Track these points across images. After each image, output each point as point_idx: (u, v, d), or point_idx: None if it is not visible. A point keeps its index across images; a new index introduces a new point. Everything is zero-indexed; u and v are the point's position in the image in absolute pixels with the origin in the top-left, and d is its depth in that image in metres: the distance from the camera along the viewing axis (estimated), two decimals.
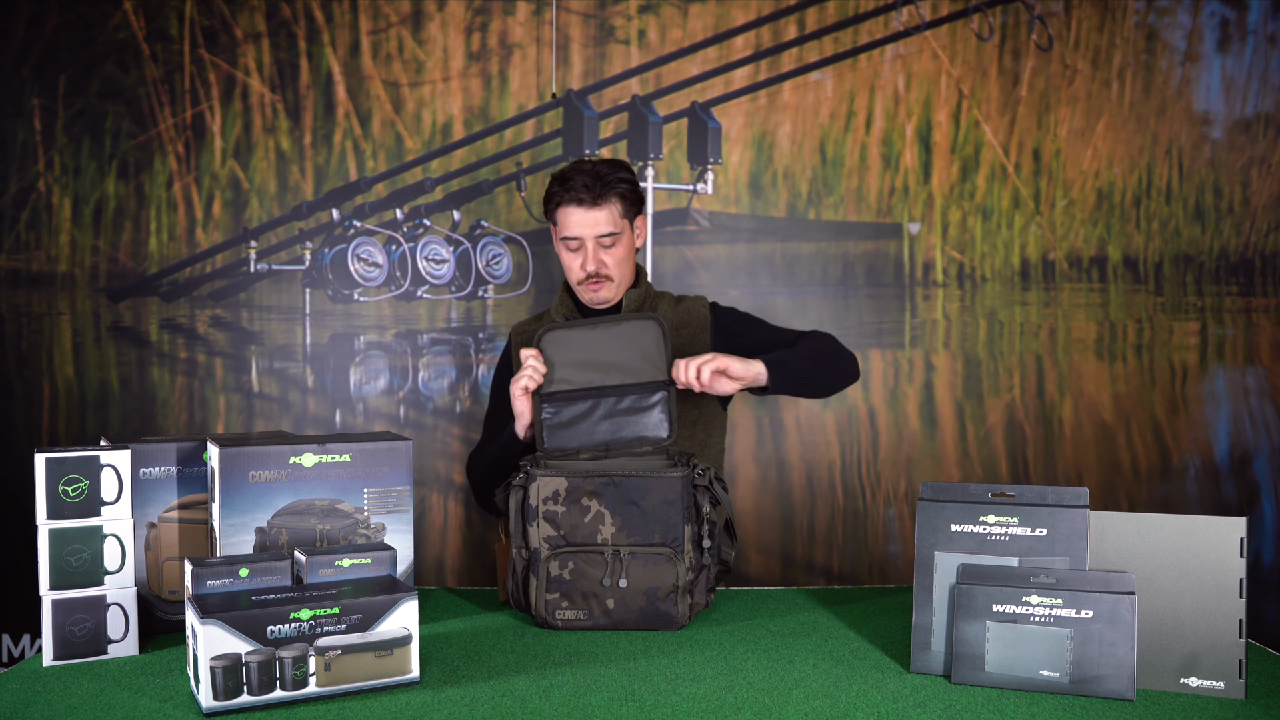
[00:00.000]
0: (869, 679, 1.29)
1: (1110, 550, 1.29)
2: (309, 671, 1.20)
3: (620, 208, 1.84)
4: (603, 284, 1.85)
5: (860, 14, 2.57)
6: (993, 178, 2.60)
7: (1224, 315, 2.63)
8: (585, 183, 1.80)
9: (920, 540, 1.34)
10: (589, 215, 1.82)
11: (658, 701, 1.21)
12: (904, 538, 2.59)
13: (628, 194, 1.85)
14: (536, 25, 2.56)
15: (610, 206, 1.83)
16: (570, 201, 1.82)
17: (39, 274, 2.54)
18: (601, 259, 1.83)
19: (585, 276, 1.84)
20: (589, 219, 1.82)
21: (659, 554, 1.48)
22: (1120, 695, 1.21)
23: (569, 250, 1.85)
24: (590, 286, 1.85)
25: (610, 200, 1.82)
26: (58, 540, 1.35)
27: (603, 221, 1.82)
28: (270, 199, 2.55)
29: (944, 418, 2.61)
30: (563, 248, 1.86)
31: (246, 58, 2.54)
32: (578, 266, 1.84)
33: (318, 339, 2.57)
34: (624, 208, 1.85)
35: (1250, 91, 2.60)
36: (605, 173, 1.82)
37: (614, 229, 1.83)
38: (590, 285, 1.85)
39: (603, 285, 1.85)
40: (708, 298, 1.96)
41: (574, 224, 1.82)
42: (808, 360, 1.76)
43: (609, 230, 1.82)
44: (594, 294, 1.86)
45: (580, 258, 1.84)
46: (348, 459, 1.52)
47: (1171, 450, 2.62)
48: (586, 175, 1.81)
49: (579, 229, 1.82)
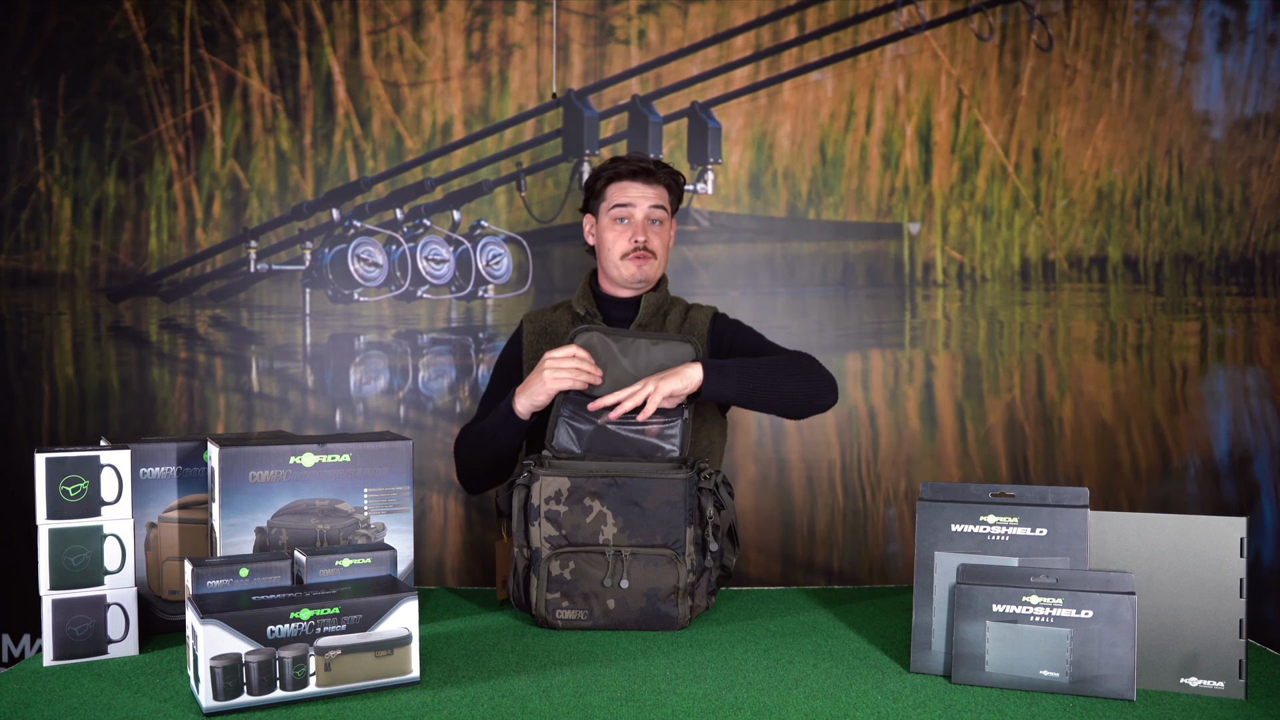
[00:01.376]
0: (869, 679, 1.29)
1: (1110, 550, 1.29)
2: (309, 671, 1.20)
3: (670, 196, 1.89)
4: (647, 258, 1.86)
5: (860, 14, 2.57)
6: (993, 178, 2.60)
7: (1224, 315, 2.63)
8: (643, 164, 1.85)
9: (920, 540, 1.34)
10: (644, 189, 1.85)
11: (658, 701, 1.21)
12: (904, 538, 2.59)
13: (675, 189, 1.90)
14: (536, 25, 2.56)
15: (663, 190, 1.87)
16: (626, 175, 1.86)
17: (39, 274, 2.54)
18: (649, 233, 1.85)
19: (633, 248, 1.84)
20: (647, 192, 1.86)
21: (660, 555, 1.48)
22: (1120, 695, 1.21)
23: (616, 224, 1.86)
24: (635, 259, 1.85)
25: (664, 184, 1.87)
26: (58, 540, 1.35)
27: (655, 196, 1.86)
28: (270, 199, 2.55)
29: (944, 418, 2.61)
30: (608, 223, 1.87)
31: (246, 58, 2.54)
32: (625, 239, 1.85)
33: (318, 339, 2.57)
34: (671, 198, 1.89)
35: (1250, 91, 2.60)
36: (659, 164, 1.88)
37: (664, 206, 1.87)
38: (635, 258, 1.85)
39: (647, 260, 1.86)
40: (717, 308, 1.96)
41: (628, 194, 1.85)
42: (760, 370, 1.68)
43: (660, 204, 1.86)
44: (638, 268, 1.85)
45: (629, 230, 1.85)
46: (348, 459, 1.52)
47: (1171, 450, 2.62)
48: (645, 160, 1.86)
49: (636, 197, 1.85)
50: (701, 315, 1.93)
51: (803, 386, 1.71)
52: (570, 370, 1.62)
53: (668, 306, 1.92)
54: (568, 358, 1.62)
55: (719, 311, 1.95)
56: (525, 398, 1.67)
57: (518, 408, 1.69)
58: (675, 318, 1.91)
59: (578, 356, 1.62)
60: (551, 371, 1.62)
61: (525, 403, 1.68)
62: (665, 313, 1.91)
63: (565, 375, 1.62)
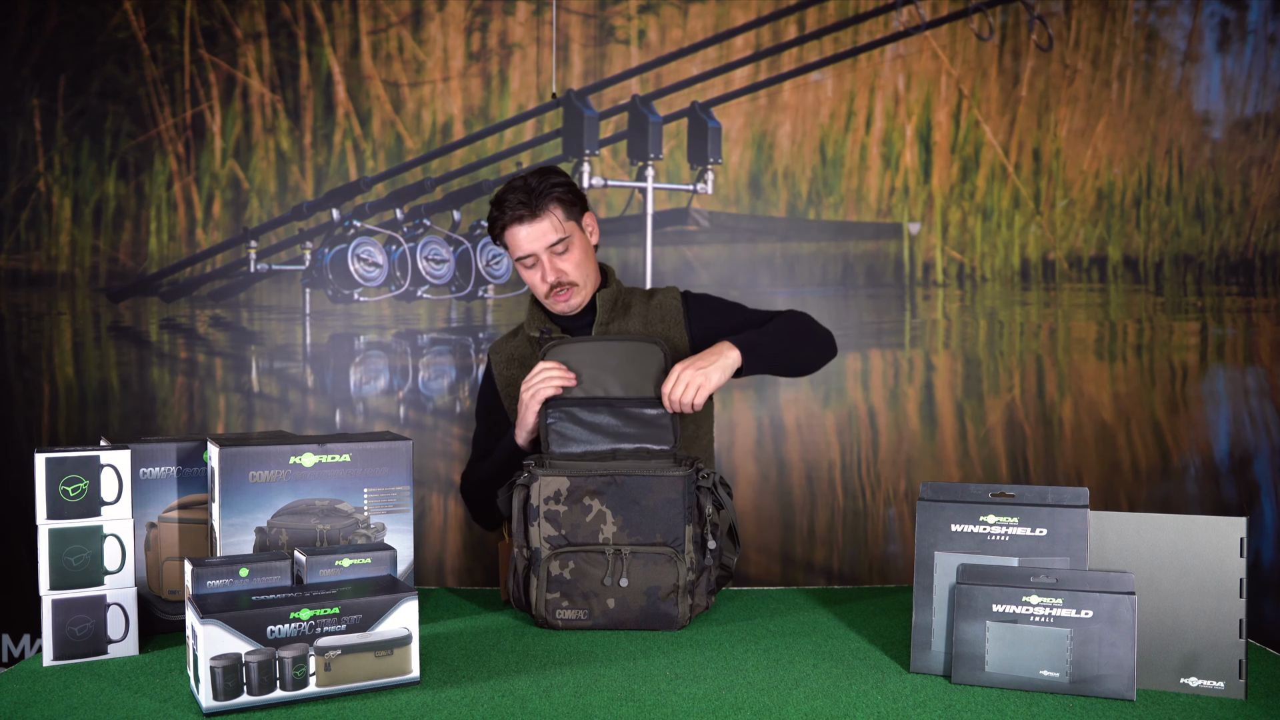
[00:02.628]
0: (869, 679, 1.29)
1: (1110, 550, 1.29)
2: (309, 671, 1.20)
3: (561, 211, 1.82)
4: (569, 291, 1.84)
5: (860, 14, 2.57)
6: (993, 178, 2.60)
7: (1224, 315, 2.63)
8: (520, 199, 1.80)
9: (920, 540, 1.34)
10: (533, 229, 1.81)
11: (658, 701, 1.21)
12: (904, 538, 2.59)
13: (563, 197, 1.83)
14: (536, 25, 2.56)
15: (550, 215, 1.81)
16: (511, 222, 1.81)
17: (39, 274, 2.54)
18: (560, 267, 1.82)
19: (549, 289, 1.84)
20: (534, 232, 1.81)
21: (660, 554, 1.48)
22: (1120, 695, 1.21)
23: (526, 269, 1.85)
24: (557, 297, 1.85)
25: (548, 208, 1.81)
26: (58, 540, 1.35)
27: (548, 231, 1.81)
28: (270, 199, 2.55)
29: (944, 418, 2.61)
30: (521, 268, 1.86)
31: (246, 58, 2.54)
32: (539, 281, 1.84)
33: (318, 339, 2.57)
34: (565, 211, 1.83)
35: (1250, 91, 2.60)
36: (535, 184, 1.81)
37: (561, 234, 1.82)
38: (557, 296, 1.85)
39: (570, 292, 1.84)
40: (679, 287, 1.94)
41: (522, 242, 1.82)
42: (780, 340, 1.75)
43: (557, 237, 1.81)
44: (565, 303, 1.85)
45: (539, 272, 1.83)
46: (348, 459, 1.52)
47: (1171, 450, 2.62)
48: (519, 192, 1.80)
49: (528, 245, 1.81)
50: (669, 298, 1.92)
51: (812, 347, 1.81)
52: (543, 380, 1.64)
53: (626, 298, 1.92)
54: (539, 373, 1.65)
55: (685, 291, 1.94)
56: (520, 426, 1.71)
57: (519, 439, 1.73)
58: (639, 307, 1.90)
59: (546, 368, 1.64)
60: (529, 391, 1.65)
61: (521, 431, 1.72)
62: (626, 305, 1.90)
63: (542, 386, 1.64)
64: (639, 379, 1.64)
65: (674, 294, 1.92)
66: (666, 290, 1.93)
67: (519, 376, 1.89)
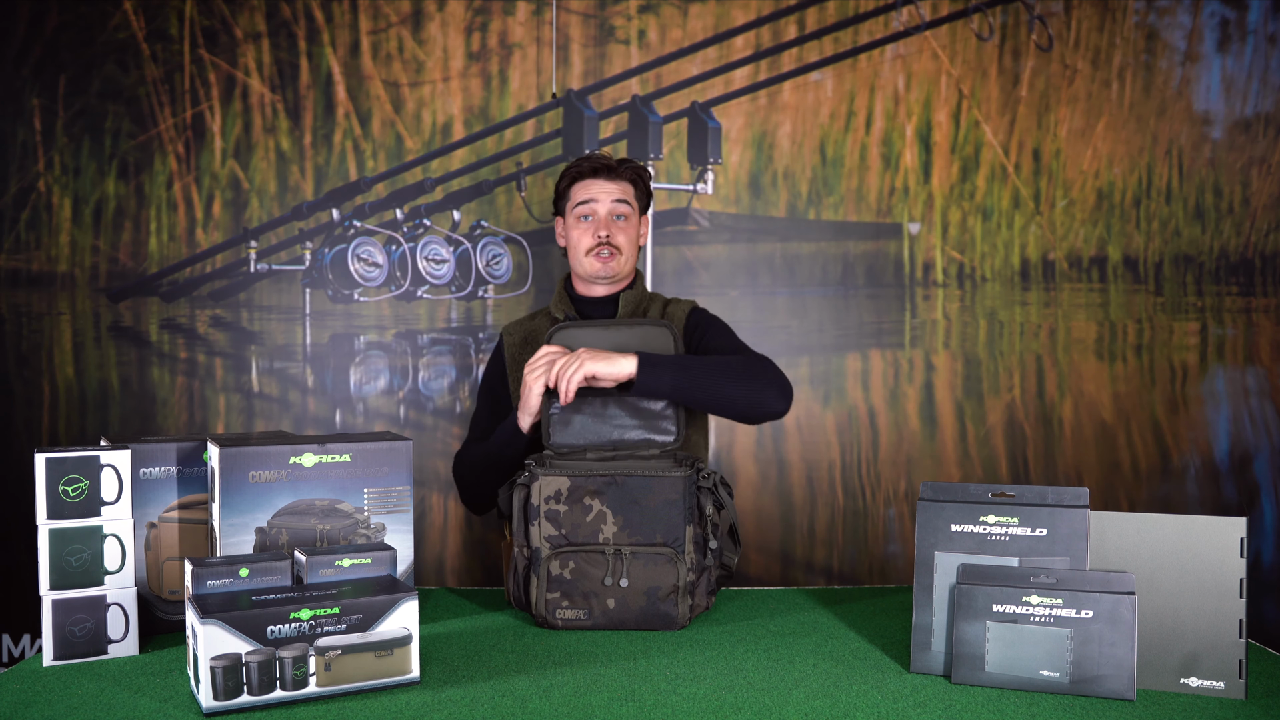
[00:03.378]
0: (869, 679, 1.29)
1: (1110, 550, 1.29)
2: (309, 671, 1.20)
3: (634, 190, 1.89)
4: (613, 255, 1.85)
5: (860, 14, 2.57)
6: (993, 178, 2.60)
7: (1224, 315, 2.63)
8: (602, 157, 1.87)
9: (920, 540, 1.34)
10: (609, 184, 1.86)
11: (658, 701, 1.21)
12: (904, 538, 2.59)
13: (640, 181, 1.90)
14: (536, 25, 2.56)
15: (625, 182, 1.87)
16: (587, 173, 1.86)
17: (39, 274, 2.54)
18: (613, 229, 1.86)
19: (596, 243, 1.84)
20: (609, 187, 1.86)
21: (660, 554, 1.48)
22: (1120, 695, 1.21)
23: (580, 222, 1.87)
24: (599, 256, 1.85)
25: (627, 177, 1.87)
26: (58, 540, 1.35)
27: (617, 190, 1.86)
28: (270, 199, 2.55)
29: (944, 418, 2.61)
30: (574, 222, 1.88)
31: (246, 58, 2.54)
32: (589, 235, 1.85)
33: (318, 339, 2.57)
34: (636, 192, 1.89)
35: (1250, 91, 2.60)
36: (621, 159, 1.89)
37: (628, 201, 1.87)
38: (599, 255, 1.84)
39: (613, 256, 1.85)
40: (696, 302, 1.94)
41: (591, 190, 1.86)
42: (700, 369, 1.61)
43: (623, 199, 1.86)
44: (604, 264, 1.85)
45: (592, 226, 1.86)
46: (348, 459, 1.52)
47: (1171, 450, 2.62)
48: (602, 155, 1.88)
49: (595, 192, 1.85)
50: (679, 309, 1.92)
51: (745, 390, 1.62)
52: (546, 365, 1.62)
53: (646, 303, 1.92)
54: (543, 357, 1.63)
55: (698, 306, 1.94)
56: (522, 410, 1.69)
57: (521, 423, 1.71)
58: (654, 314, 1.91)
59: (551, 353, 1.63)
60: (531, 374, 1.63)
61: (525, 415, 1.69)
62: (645, 309, 1.91)
63: (543, 372, 1.62)
64: None
65: (685, 307, 1.92)
66: (684, 303, 1.93)
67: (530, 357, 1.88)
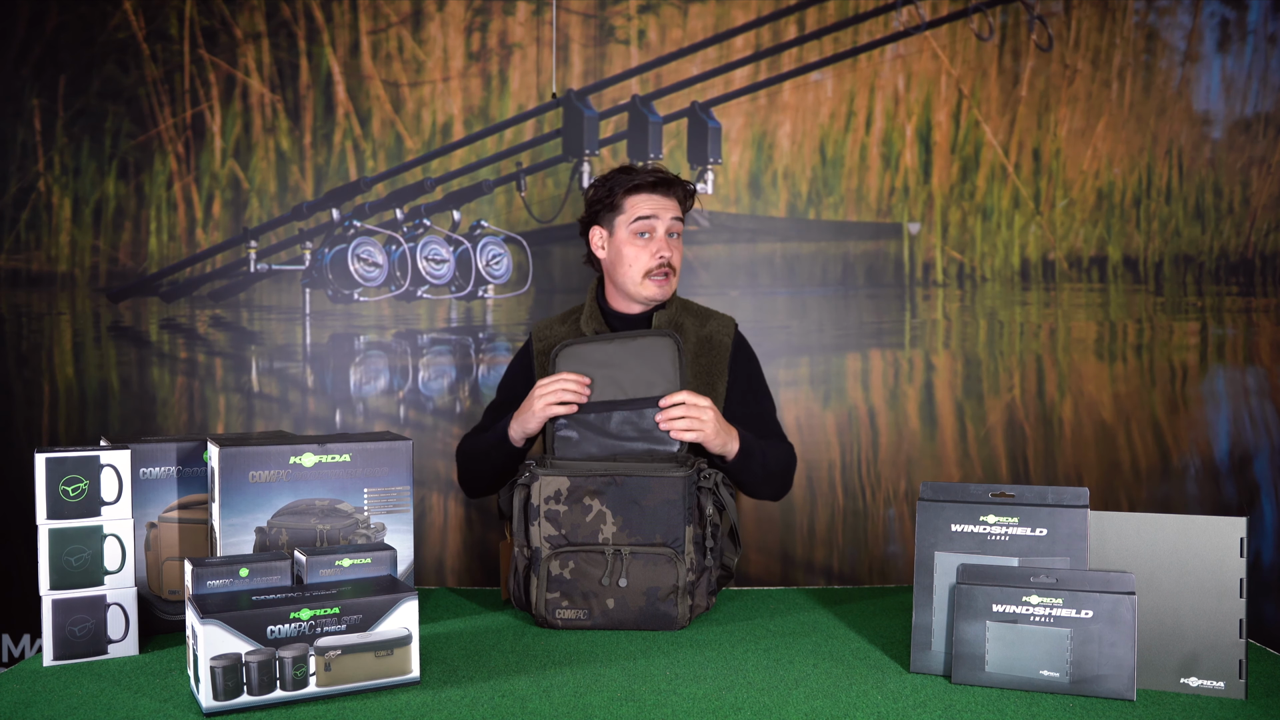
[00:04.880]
0: (869, 679, 1.29)
1: (1110, 550, 1.29)
2: (309, 671, 1.20)
3: (681, 209, 1.85)
4: (670, 277, 1.82)
5: (860, 14, 2.57)
6: (993, 178, 2.60)
7: (1224, 315, 2.63)
8: (660, 171, 1.82)
9: (920, 540, 1.34)
10: (667, 200, 1.81)
11: (658, 701, 1.21)
12: (904, 538, 2.59)
13: (687, 200, 1.86)
14: (536, 25, 2.56)
15: (679, 201, 1.83)
16: (647, 187, 1.80)
17: (39, 274, 2.54)
18: (671, 248, 1.81)
19: (657, 265, 1.79)
20: (667, 204, 1.81)
21: (659, 554, 1.48)
22: (1120, 695, 1.21)
23: (637, 239, 1.80)
24: (656, 278, 1.80)
25: (677, 193, 1.83)
26: (58, 540, 1.35)
27: (674, 208, 1.82)
28: (270, 199, 2.55)
29: (944, 418, 2.61)
30: (627, 237, 1.80)
31: (246, 58, 2.54)
32: (650, 254, 1.79)
33: (318, 339, 2.57)
34: (682, 210, 1.85)
35: (1250, 91, 2.60)
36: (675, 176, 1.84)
37: (681, 217, 1.84)
38: (656, 277, 1.80)
39: (670, 279, 1.82)
40: (736, 322, 1.91)
41: (653, 204, 1.80)
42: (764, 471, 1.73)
43: (679, 216, 1.83)
44: (660, 288, 1.81)
45: (652, 245, 1.80)
46: (348, 459, 1.52)
47: (1171, 450, 2.62)
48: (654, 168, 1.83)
49: (657, 209, 1.80)
50: (722, 334, 1.87)
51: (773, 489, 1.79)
52: (557, 392, 1.62)
53: (680, 318, 1.88)
54: (553, 383, 1.62)
55: (739, 333, 1.90)
56: (518, 425, 1.68)
57: (512, 434, 1.69)
58: (691, 333, 1.85)
59: (564, 379, 1.62)
60: (541, 400, 1.62)
61: (518, 429, 1.68)
62: (679, 326, 1.86)
63: (553, 400, 1.62)
64: (653, 374, 1.63)
65: (729, 329, 1.88)
66: (723, 322, 1.89)
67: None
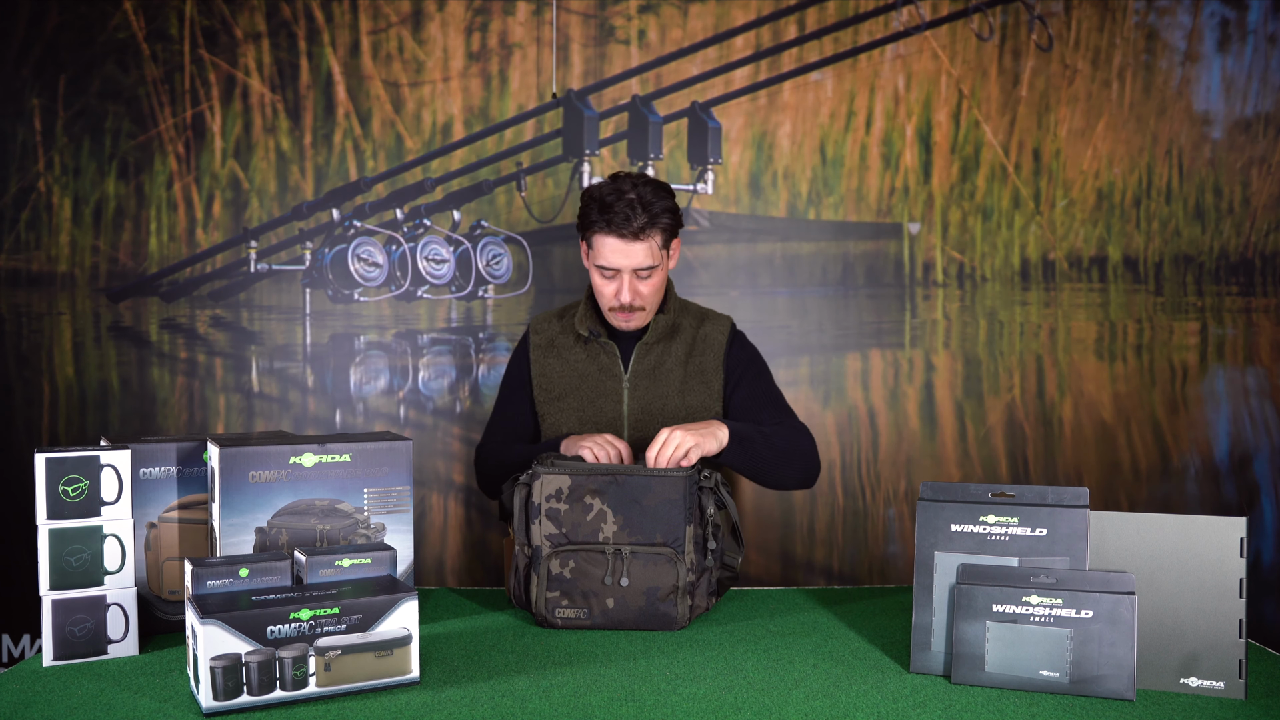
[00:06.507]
0: (869, 679, 1.29)
1: (1110, 550, 1.29)
2: (309, 671, 1.20)
3: (660, 239, 1.77)
4: (634, 315, 1.81)
5: (860, 14, 2.57)
6: (993, 178, 2.60)
7: (1224, 315, 2.63)
8: (628, 215, 1.71)
9: (920, 540, 1.34)
10: (629, 248, 1.74)
11: (658, 701, 1.21)
12: (904, 538, 2.59)
13: (669, 225, 1.77)
14: (536, 25, 2.56)
15: (652, 240, 1.75)
16: (612, 233, 1.73)
17: (39, 274, 2.54)
18: (638, 290, 1.78)
19: (618, 306, 1.80)
20: (629, 251, 1.74)
21: (659, 554, 1.48)
22: (1120, 695, 1.21)
23: (602, 277, 1.79)
24: (620, 316, 1.82)
25: (652, 234, 1.75)
26: (58, 540, 1.35)
27: (642, 254, 1.75)
28: (270, 199, 2.55)
29: (944, 418, 2.61)
30: (595, 272, 1.80)
31: (246, 58, 2.54)
32: (610, 294, 1.79)
33: (318, 339, 2.57)
34: (663, 239, 1.78)
35: (1250, 91, 2.60)
36: (651, 202, 1.73)
37: (653, 262, 1.76)
38: (620, 315, 1.82)
39: (634, 315, 1.82)
40: (734, 321, 1.92)
41: (611, 254, 1.75)
42: (770, 449, 1.69)
43: (648, 264, 1.76)
44: (625, 322, 1.83)
45: (615, 286, 1.78)
46: (348, 459, 1.52)
47: (1171, 450, 2.62)
48: (629, 206, 1.72)
49: (616, 260, 1.75)
50: (717, 333, 1.88)
51: (794, 473, 1.75)
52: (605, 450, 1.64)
53: (678, 319, 1.89)
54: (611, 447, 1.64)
55: (736, 329, 1.91)
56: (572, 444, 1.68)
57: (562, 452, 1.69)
58: (686, 334, 1.87)
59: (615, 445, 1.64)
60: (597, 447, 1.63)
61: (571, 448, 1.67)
62: (676, 327, 1.88)
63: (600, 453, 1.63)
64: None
65: (724, 329, 1.89)
66: (718, 321, 1.90)
67: (554, 366, 1.88)
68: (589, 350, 1.87)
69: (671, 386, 1.84)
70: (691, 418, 1.82)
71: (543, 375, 1.89)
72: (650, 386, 1.84)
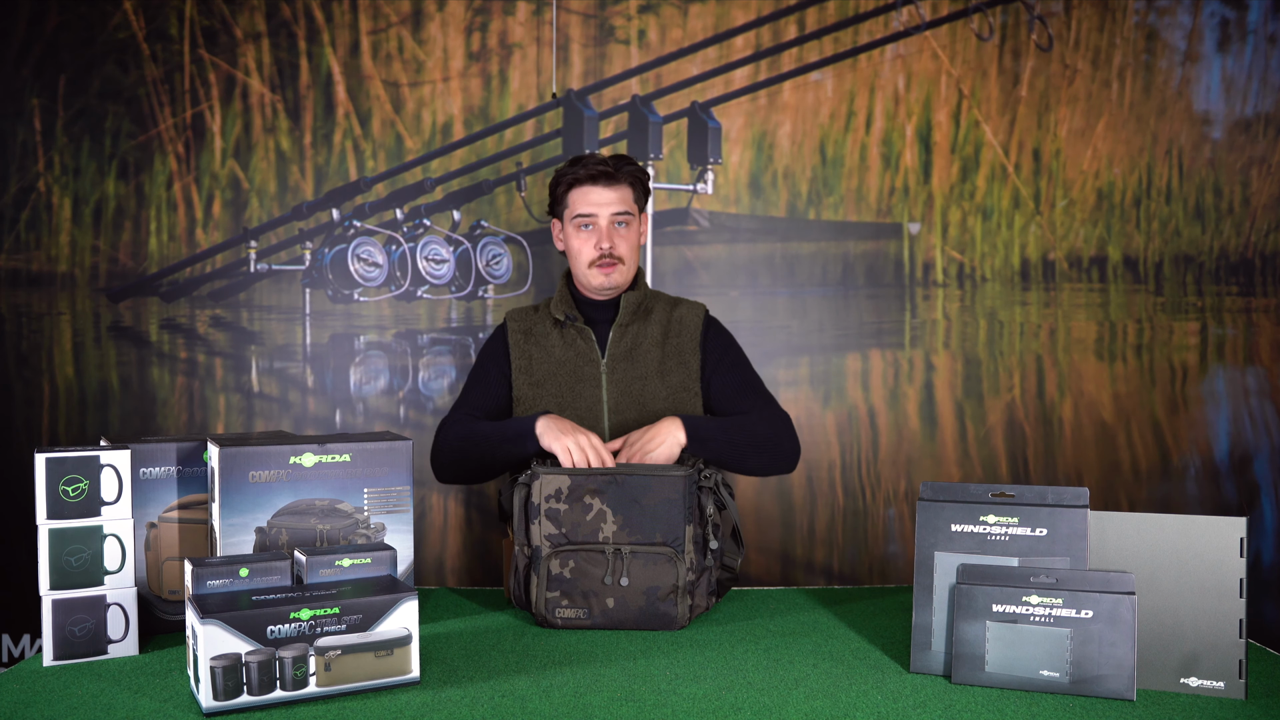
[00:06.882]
0: (869, 679, 1.29)
1: (1110, 550, 1.29)
2: (309, 671, 1.20)
3: (633, 193, 1.86)
4: (615, 266, 1.83)
5: (860, 14, 2.57)
6: (993, 178, 2.60)
7: (1224, 315, 2.63)
8: (600, 160, 1.82)
9: (920, 540, 1.34)
10: (605, 193, 1.82)
11: (658, 701, 1.21)
12: (904, 538, 2.59)
13: (638, 182, 1.87)
14: (536, 25, 2.56)
15: (625, 188, 1.84)
16: (585, 180, 1.82)
17: (39, 274, 2.54)
18: (615, 240, 1.82)
19: (599, 256, 1.82)
20: (605, 196, 1.82)
21: (659, 553, 1.48)
22: (1120, 695, 1.21)
23: (580, 231, 1.84)
24: (602, 268, 1.83)
25: (625, 181, 1.84)
26: (58, 540, 1.35)
27: (618, 200, 1.82)
28: (270, 199, 2.55)
29: (944, 418, 2.61)
30: (572, 231, 1.85)
31: (246, 58, 2.54)
32: (590, 247, 1.82)
33: (318, 339, 2.57)
34: (635, 194, 1.86)
35: (1250, 91, 2.60)
36: (616, 160, 1.85)
37: (628, 209, 1.84)
38: (602, 267, 1.82)
39: (615, 268, 1.83)
40: (707, 307, 1.94)
41: (590, 200, 1.82)
42: (733, 439, 1.73)
43: (624, 209, 1.83)
44: (606, 277, 1.83)
45: (594, 237, 1.82)
46: (348, 459, 1.52)
47: (1171, 450, 2.62)
48: (600, 160, 1.83)
49: (595, 205, 1.82)
50: (692, 315, 1.91)
51: (767, 460, 1.77)
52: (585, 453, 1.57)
53: (649, 303, 1.91)
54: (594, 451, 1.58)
55: (709, 314, 1.93)
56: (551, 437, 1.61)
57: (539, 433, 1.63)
58: (660, 315, 1.90)
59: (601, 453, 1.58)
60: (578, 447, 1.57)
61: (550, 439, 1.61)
62: (648, 310, 1.90)
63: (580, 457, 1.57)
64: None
65: (699, 312, 1.92)
66: (692, 305, 1.93)
67: (533, 352, 1.88)
68: (565, 336, 1.88)
69: (650, 368, 1.85)
70: (672, 398, 1.83)
71: (523, 359, 1.88)
72: (629, 369, 1.85)
